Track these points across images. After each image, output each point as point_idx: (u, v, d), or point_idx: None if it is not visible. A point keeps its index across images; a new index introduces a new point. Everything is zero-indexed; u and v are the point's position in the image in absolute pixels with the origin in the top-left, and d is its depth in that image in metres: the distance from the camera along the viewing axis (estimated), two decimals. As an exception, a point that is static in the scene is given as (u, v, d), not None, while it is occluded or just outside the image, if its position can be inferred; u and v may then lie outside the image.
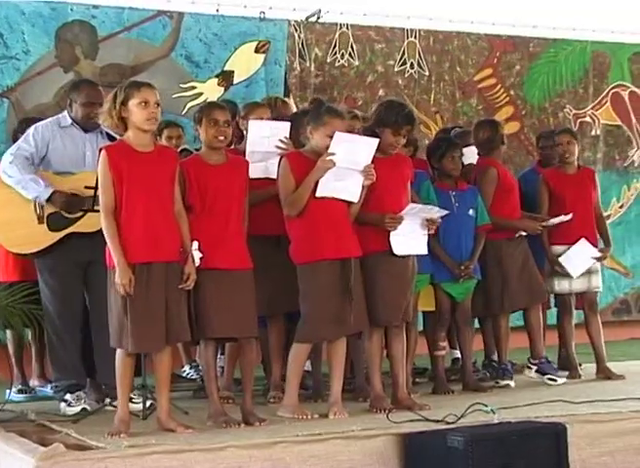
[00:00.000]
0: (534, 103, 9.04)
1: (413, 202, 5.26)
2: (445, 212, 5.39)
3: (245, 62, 7.95)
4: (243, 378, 4.94)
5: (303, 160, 4.97)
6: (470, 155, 6.42)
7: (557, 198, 6.39)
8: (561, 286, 6.43)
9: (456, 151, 5.97)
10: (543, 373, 6.16)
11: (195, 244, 4.70)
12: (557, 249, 6.41)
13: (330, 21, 8.32)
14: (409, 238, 5.17)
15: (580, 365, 6.55)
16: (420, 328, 6.10)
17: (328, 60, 8.29)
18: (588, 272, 6.42)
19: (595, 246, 6.44)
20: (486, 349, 6.53)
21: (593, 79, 9.26)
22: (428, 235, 5.32)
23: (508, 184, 6.17)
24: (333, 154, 4.88)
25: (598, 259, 6.43)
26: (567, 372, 6.31)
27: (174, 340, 4.66)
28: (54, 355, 5.41)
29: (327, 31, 8.31)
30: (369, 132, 5.23)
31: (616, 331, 8.07)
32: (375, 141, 5.02)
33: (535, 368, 6.20)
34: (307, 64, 8.21)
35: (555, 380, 6.11)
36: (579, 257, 6.32)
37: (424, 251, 5.29)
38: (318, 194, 4.90)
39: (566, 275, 6.32)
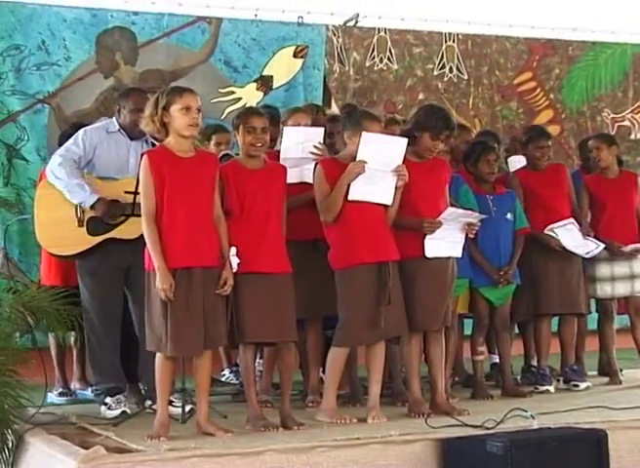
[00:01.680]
0: (573, 107, 8.98)
1: (452, 205, 5.25)
2: (483, 216, 5.37)
3: (284, 67, 7.97)
4: (281, 382, 4.96)
5: (338, 166, 4.98)
6: (514, 164, 6.41)
7: (598, 203, 6.37)
8: (603, 291, 6.38)
9: (491, 155, 5.94)
10: (568, 381, 6.12)
11: (233, 249, 4.71)
12: (599, 253, 6.38)
13: (368, 26, 8.31)
14: (444, 241, 5.15)
15: (621, 370, 6.50)
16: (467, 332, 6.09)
17: (367, 65, 8.29)
18: (631, 276, 6.39)
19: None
20: (526, 355, 6.50)
21: (633, 82, 9.18)
22: (466, 239, 5.30)
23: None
24: (364, 161, 4.88)
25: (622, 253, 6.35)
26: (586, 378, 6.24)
27: (210, 345, 4.66)
28: (94, 358, 5.45)
29: (365, 35, 8.31)
30: (407, 135, 5.22)
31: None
32: (404, 141, 5.00)
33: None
34: (346, 69, 8.22)
35: (577, 386, 6.07)
36: (568, 236, 6.13)
37: (459, 253, 5.26)
38: (350, 198, 4.91)
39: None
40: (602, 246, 6.17)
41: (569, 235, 6.09)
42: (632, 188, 6.52)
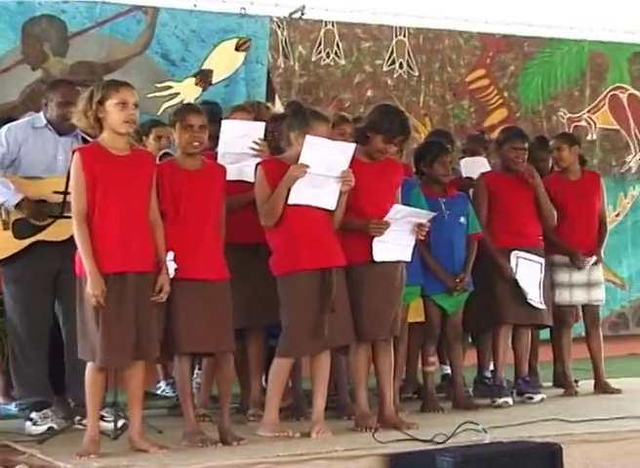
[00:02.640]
0: (528, 106, 9.06)
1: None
2: (433, 214, 5.38)
3: (224, 61, 7.93)
4: (220, 395, 4.93)
5: (281, 167, 4.96)
6: (471, 165, 6.43)
7: (558, 205, 6.38)
8: (561, 297, 6.44)
9: (447, 156, 5.98)
10: (522, 393, 6.17)
11: (170, 254, 4.68)
12: (558, 259, 6.43)
13: (314, 18, 8.29)
14: (393, 244, 5.17)
15: (577, 381, 6.57)
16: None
17: (313, 59, 8.28)
18: (588, 284, 6.46)
19: (593, 255, 6.47)
20: (479, 365, 6.54)
21: (590, 81, 9.27)
22: (417, 244, 5.32)
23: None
24: (306, 165, 4.87)
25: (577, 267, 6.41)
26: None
27: (142, 356, 4.62)
28: (18, 370, 5.37)
29: (311, 28, 8.30)
30: (360, 134, 5.22)
31: (613, 347, 8.00)
32: (351, 147, 5.01)
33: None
34: (291, 63, 8.20)
35: (532, 398, 6.11)
36: (527, 273, 6.13)
37: (408, 257, 5.27)
38: (290, 202, 4.90)
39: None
40: (542, 307, 6.11)
41: (528, 271, 6.09)
42: (594, 190, 6.57)
